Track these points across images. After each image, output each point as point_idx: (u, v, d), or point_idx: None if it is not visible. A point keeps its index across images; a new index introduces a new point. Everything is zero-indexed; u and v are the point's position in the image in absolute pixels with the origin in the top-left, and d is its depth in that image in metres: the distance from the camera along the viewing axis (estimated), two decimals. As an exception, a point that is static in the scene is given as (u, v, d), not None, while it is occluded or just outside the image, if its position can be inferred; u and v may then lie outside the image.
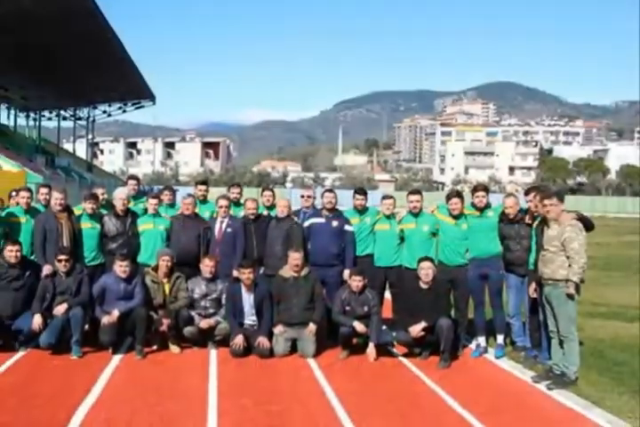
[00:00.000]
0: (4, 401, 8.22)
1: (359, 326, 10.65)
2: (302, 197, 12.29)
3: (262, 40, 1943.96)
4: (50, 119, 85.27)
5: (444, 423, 7.88)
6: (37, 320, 10.35)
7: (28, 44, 47.75)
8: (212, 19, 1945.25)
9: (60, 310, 10.53)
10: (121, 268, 10.80)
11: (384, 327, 11.12)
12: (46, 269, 10.84)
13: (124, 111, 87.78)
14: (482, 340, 11.24)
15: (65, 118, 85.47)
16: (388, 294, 12.14)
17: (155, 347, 10.99)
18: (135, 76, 68.66)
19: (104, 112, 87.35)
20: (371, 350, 10.64)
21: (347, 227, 11.72)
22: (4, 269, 10.57)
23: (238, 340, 10.63)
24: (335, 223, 11.72)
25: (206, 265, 11.27)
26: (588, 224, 9.66)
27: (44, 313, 10.53)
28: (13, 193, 12.71)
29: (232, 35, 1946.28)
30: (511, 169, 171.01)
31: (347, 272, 11.38)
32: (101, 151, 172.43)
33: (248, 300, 11.14)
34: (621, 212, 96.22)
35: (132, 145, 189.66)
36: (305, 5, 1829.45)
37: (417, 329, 10.46)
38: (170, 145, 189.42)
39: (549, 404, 8.72)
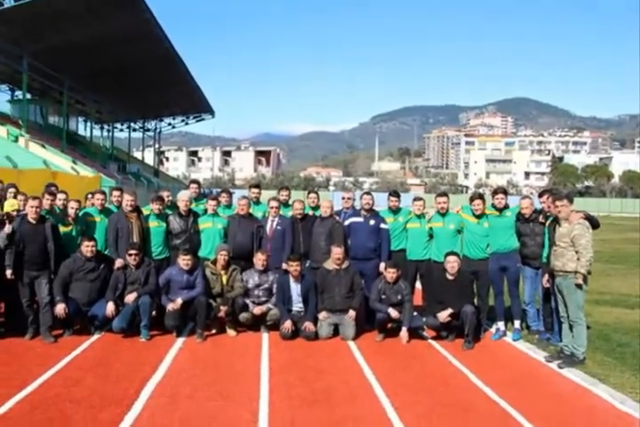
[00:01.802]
0: (82, 378, 8.29)
1: (393, 313, 10.65)
2: (343, 198, 12.26)
3: (309, 63, 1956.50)
4: (121, 130, 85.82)
5: (467, 397, 7.84)
6: (110, 307, 10.45)
7: (102, 65, 48.28)
8: (265, 46, 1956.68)
9: (130, 298, 10.63)
10: (184, 261, 10.87)
11: (415, 314, 11.08)
12: (118, 263, 10.92)
13: (187, 123, 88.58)
14: (501, 324, 11.20)
15: (135, 130, 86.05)
16: (418, 285, 12.11)
17: (214, 331, 11.04)
18: (197, 94, 69.42)
19: (169, 124, 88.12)
20: (403, 333, 10.62)
21: (382, 225, 11.72)
22: (81, 262, 10.65)
23: (287, 324, 10.67)
24: (372, 222, 11.71)
25: (259, 259, 11.32)
26: (594, 223, 9.62)
27: (117, 301, 10.63)
28: (89, 195, 12.79)
29: (282, 59, 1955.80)
30: (527, 174, 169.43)
31: (382, 265, 11.36)
32: (167, 159, 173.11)
33: (296, 289, 11.19)
34: (624, 212, 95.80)
35: (194, 153, 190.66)
36: (348, 35, 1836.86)
37: (444, 315, 10.46)
38: (227, 153, 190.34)
39: (560, 380, 8.70)
